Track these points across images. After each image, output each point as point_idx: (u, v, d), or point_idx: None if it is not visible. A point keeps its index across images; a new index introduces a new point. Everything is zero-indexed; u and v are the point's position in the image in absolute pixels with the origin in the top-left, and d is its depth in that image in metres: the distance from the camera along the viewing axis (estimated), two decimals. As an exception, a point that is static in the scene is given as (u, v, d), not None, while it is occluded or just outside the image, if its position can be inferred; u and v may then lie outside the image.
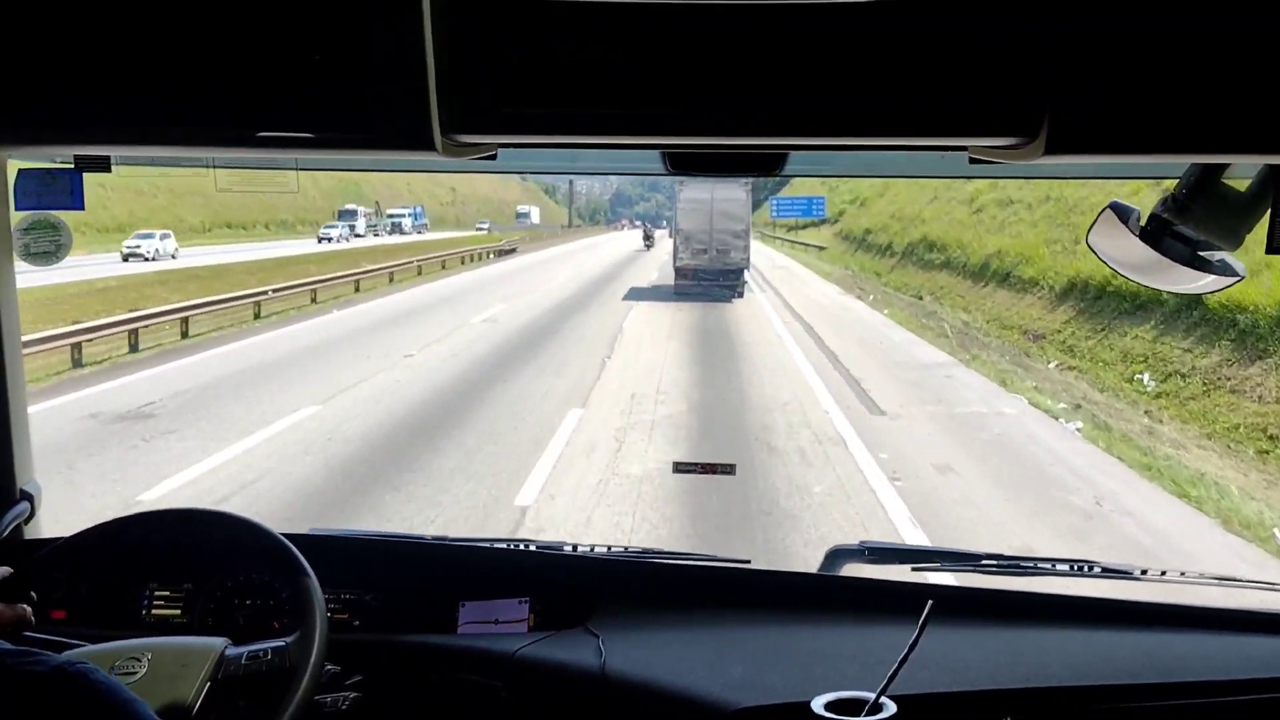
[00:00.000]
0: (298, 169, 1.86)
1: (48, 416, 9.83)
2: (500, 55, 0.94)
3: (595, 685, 1.66)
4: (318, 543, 1.94)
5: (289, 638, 1.55)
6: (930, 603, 1.44)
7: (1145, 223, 1.15)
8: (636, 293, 24.83)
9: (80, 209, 1.71)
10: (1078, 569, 2.01)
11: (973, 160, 1.09)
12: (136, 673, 1.46)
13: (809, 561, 2.37)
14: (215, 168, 1.78)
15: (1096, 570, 2.00)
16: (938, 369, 13.91)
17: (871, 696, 1.46)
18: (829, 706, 1.47)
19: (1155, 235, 1.14)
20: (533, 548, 2.09)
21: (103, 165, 1.64)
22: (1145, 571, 1.99)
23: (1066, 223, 19.87)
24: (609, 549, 2.09)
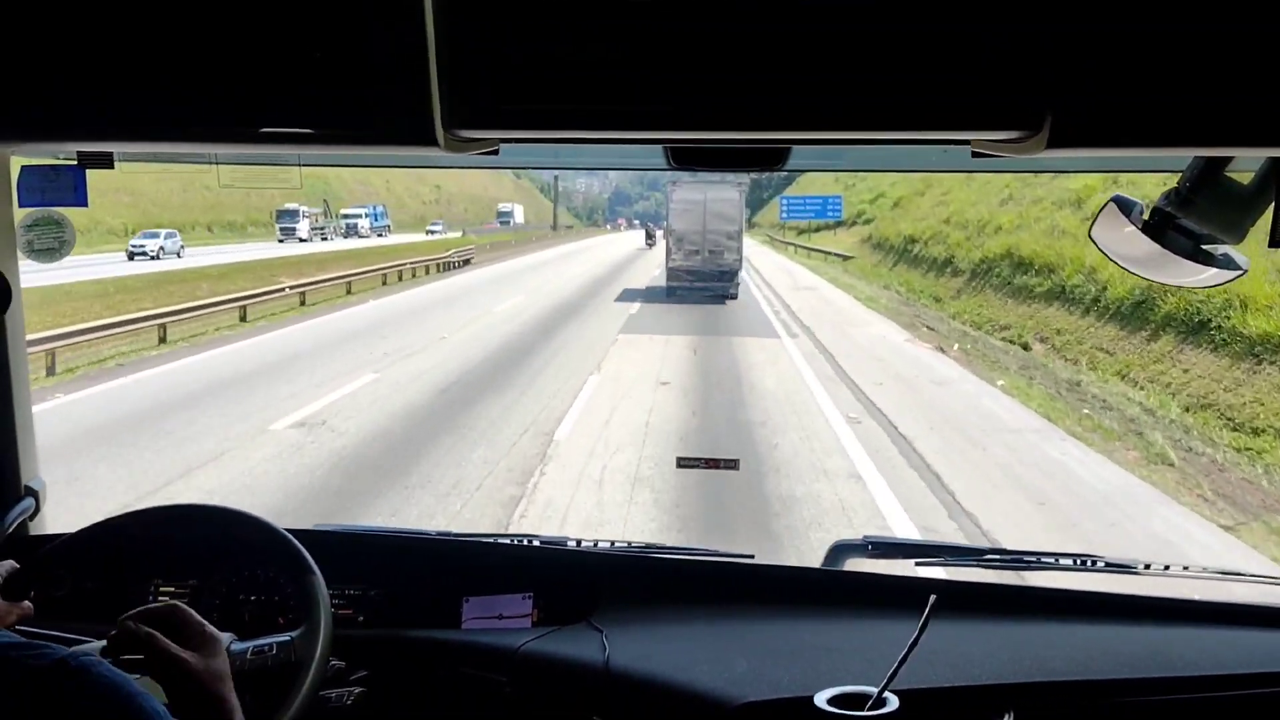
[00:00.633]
0: (300, 165, 1.86)
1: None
2: (502, 50, 0.93)
3: (599, 680, 1.66)
4: (322, 538, 1.94)
5: (294, 633, 1.55)
6: (933, 597, 1.44)
7: (1149, 216, 1.15)
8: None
9: (84, 205, 1.71)
10: (1081, 563, 2.02)
11: (975, 154, 1.09)
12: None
13: (812, 556, 2.36)
14: (217, 164, 1.77)
15: (1099, 565, 2.01)
16: None
17: (875, 691, 1.46)
18: (832, 701, 1.47)
19: (1158, 229, 1.14)
20: (536, 543, 2.09)
21: (106, 161, 1.64)
22: (1148, 566, 2.00)
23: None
24: (612, 544, 2.09)
